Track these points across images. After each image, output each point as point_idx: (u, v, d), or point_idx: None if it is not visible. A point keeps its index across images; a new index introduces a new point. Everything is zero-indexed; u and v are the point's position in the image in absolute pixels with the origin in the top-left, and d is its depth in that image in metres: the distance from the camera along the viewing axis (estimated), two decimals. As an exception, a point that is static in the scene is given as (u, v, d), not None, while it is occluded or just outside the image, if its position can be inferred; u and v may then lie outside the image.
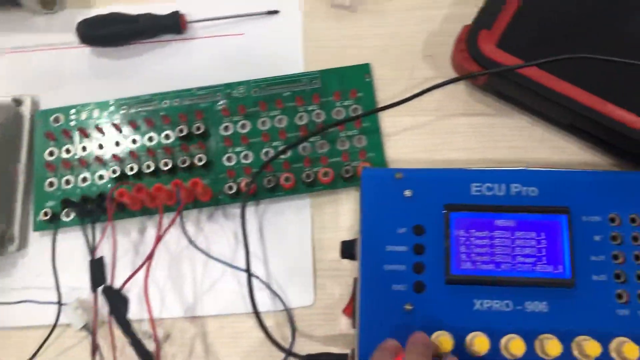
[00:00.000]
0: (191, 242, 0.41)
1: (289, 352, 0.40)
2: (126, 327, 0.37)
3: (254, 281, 0.43)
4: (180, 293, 0.44)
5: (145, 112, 0.47)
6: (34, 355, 0.43)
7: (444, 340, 0.35)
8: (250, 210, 0.45)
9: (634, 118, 0.40)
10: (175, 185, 0.42)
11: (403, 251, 0.38)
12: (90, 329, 0.41)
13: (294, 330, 0.42)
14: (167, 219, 0.45)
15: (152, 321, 0.39)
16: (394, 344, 0.33)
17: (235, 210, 0.45)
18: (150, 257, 0.39)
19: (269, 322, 0.43)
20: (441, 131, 0.46)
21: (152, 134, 0.47)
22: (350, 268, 0.44)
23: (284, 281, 0.44)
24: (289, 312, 0.43)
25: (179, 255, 0.45)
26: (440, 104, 0.46)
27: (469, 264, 0.37)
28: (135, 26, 0.48)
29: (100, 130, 0.47)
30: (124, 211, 0.45)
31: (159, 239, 0.40)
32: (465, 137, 0.45)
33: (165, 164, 0.45)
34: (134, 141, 0.47)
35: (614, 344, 0.35)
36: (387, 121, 0.46)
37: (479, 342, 0.35)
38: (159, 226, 0.40)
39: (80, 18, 0.49)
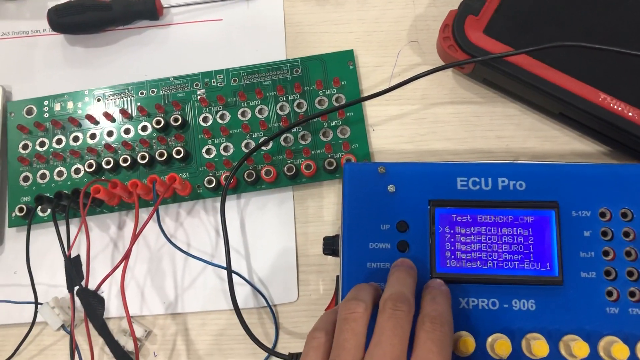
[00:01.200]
0: (169, 240, 0.40)
1: (271, 352, 0.39)
2: (102, 328, 0.36)
3: (237, 277, 0.42)
4: (161, 289, 0.43)
5: (121, 102, 0.46)
6: (13, 354, 0.42)
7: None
8: (232, 204, 0.44)
9: (627, 108, 0.38)
10: (151, 181, 0.40)
11: (386, 248, 0.37)
12: (68, 329, 0.40)
13: (277, 327, 0.42)
14: (145, 214, 0.44)
15: (130, 322, 0.37)
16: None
17: (216, 204, 0.44)
18: (126, 257, 0.38)
19: (252, 319, 0.42)
20: (427, 120, 0.44)
21: (128, 125, 0.45)
22: (335, 263, 0.42)
23: (267, 277, 0.43)
24: (272, 309, 0.42)
25: (159, 251, 0.43)
26: (426, 92, 0.45)
27: (455, 262, 0.36)
28: (108, 13, 0.46)
29: (74, 122, 0.45)
30: (101, 206, 0.44)
31: (135, 238, 0.38)
32: (452, 126, 0.44)
33: (143, 157, 0.43)
34: (110, 133, 0.45)
35: (602, 343, 0.34)
36: (372, 111, 0.45)
37: (465, 342, 0.34)
38: (135, 224, 0.39)
39: (51, 4, 0.47)
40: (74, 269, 0.38)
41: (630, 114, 0.38)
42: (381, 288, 0.34)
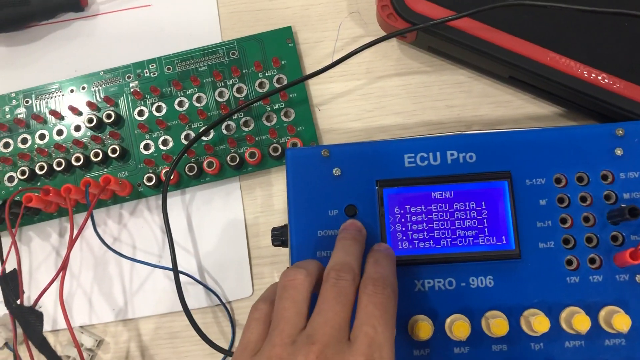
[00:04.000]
0: (106, 245, 0.38)
1: (227, 352, 0.38)
2: (42, 345, 0.34)
3: (188, 277, 0.40)
4: (109, 296, 0.41)
5: (52, 103, 0.43)
6: (-40, 377, 0.40)
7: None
8: (176, 200, 0.42)
9: (576, 65, 0.37)
10: (84, 184, 0.38)
11: (335, 235, 0.35)
12: (12, 347, 0.38)
13: (233, 325, 0.40)
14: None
15: (72, 333, 0.35)
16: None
17: (160, 202, 0.41)
18: (63, 267, 0.36)
19: (207, 319, 0.40)
20: (374, 95, 0.42)
21: (60, 126, 0.42)
22: (288, 254, 0.41)
23: (219, 273, 0.41)
24: (226, 307, 0.40)
25: (104, 256, 0.41)
26: (371, 66, 0.42)
27: (407, 243, 0.34)
28: (26, 7, 0.43)
29: (3, 128, 0.42)
30: (39, 214, 0.41)
31: (70, 246, 0.36)
32: (400, 99, 0.42)
33: (77, 159, 0.41)
34: (42, 136, 0.42)
35: (564, 314, 0.32)
36: (316, 90, 0.43)
37: (421, 326, 0.32)
38: (70, 232, 0.37)
39: (-35, 3, 0.44)
40: (10, 286, 0.36)
41: (580, 71, 0.36)
42: None
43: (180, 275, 0.38)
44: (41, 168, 0.41)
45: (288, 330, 0.27)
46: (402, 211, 0.34)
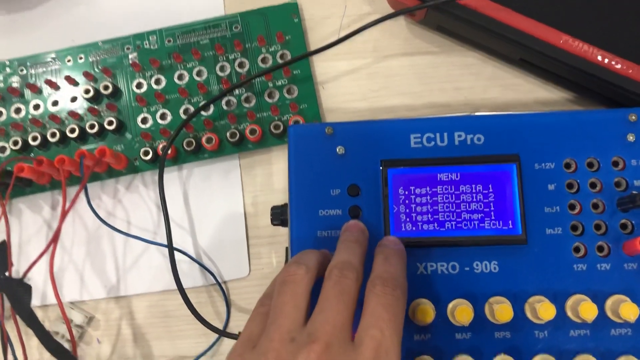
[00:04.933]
0: (100, 218, 0.37)
1: (221, 333, 0.37)
2: (30, 319, 0.33)
3: (183, 254, 0.39)
4: (102, 272, 0.40)
5: (47, 72, 0.42)
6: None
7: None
8: (173, 176, 0.41)
9: (590, 49, 0.36)
10: (79, 156, 0.37)
11: (337, 215, 0.34)
12: (-1, 321, 0.37)
13: (228, 305, 0.39)
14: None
15: (62, 308, 0.34)
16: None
17: (156, 177, 0.40)
18: (54, 239, 0.35)
19: (201, 298, 0.39)
20: (380, 75, 0.41)
21: (56, 97, 0.41)
22: (287, 234, 0.40)
23: (216, 252, 0.40)
24: (221, 286, 0.39)
25: (97, 232, 0.40)
26: (378, 44, 0.41)
27: (410, 225, 0.33)
28: (24, -28, 0.42)
29: (-4, 96, 0.41)
30: (31, 186, 0.40)
31: (63, 216, 0.35)
32: (407, 79, 0.41)
33: (72, 130, 0.40)
34: (36, 107, 0.41)
35: (570, 302, 0.31)
36: (320, 67, 0.41)
37: (423, 310, 0.31)
38: (63, 203, 0.36)
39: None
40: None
41: (593, 55, 0.35)
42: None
43: (175, 253, 0.37)
44: (34, 139, 0.40)
45: (287, 325, 0.26)
46: (406, 192, 0.33)
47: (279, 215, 0.36)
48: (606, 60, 0.35)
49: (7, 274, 0.35)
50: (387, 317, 0.26)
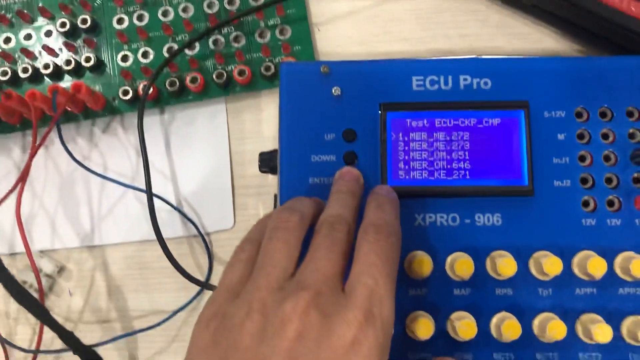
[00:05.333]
0: (73, 158, 0.34)
1: (203, 285, 0.34)
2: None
3: (163, 203, 0.36)
4: (75, 219, 0.37)
5: (19, 3, 0.38)
6: None
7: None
8: (154, 119, 0.38)
9: (608, -8, 0.33)
10: (51, 90, 0.34)
11: (331, 161, 0.31)
12: (-38, 267, 0.35)
13: (210, 257, 0.36)
14: (53, 132, 0.37)
15: (30, 254, 0.32)
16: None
17: (135, 120, 0.37)
18: (22, 178, 0.32)
19: (182, 249, 0.37)
20: (381, 19, 0.38)
21: (28, 30, 0.38)
22: (276, 184, 0.37)
23: (199, 202, 0.37)
24: (203, 238, 0.36)
25: (72, 176, 0.37)
26: (379, -15, 0.39)
27: (409, 173, 0.31)
28: None
29: (-37, 28, 0.38)
30: (0, 124, 0.37)
31: (33, 153, 0.32)
32: (410, 24, 0.38)
33: (46, 66, 0.37)
34: (7, 40, 0.38)
35: (577, 258, 0.29)
36: (317, 7, 0.39)
37: (420, 262, 0.29)
38: (33, 140, 0.33)
39: None
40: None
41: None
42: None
43: (155, 200, 0.35)
44: (4, 74, 0.37)
45: (276, 273, 0.24)
46: (406, 138, 0.31)
47: (267, 162, 0.33)
48: (632, 8, 0.33)
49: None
50: (380, 265, 0.24)
